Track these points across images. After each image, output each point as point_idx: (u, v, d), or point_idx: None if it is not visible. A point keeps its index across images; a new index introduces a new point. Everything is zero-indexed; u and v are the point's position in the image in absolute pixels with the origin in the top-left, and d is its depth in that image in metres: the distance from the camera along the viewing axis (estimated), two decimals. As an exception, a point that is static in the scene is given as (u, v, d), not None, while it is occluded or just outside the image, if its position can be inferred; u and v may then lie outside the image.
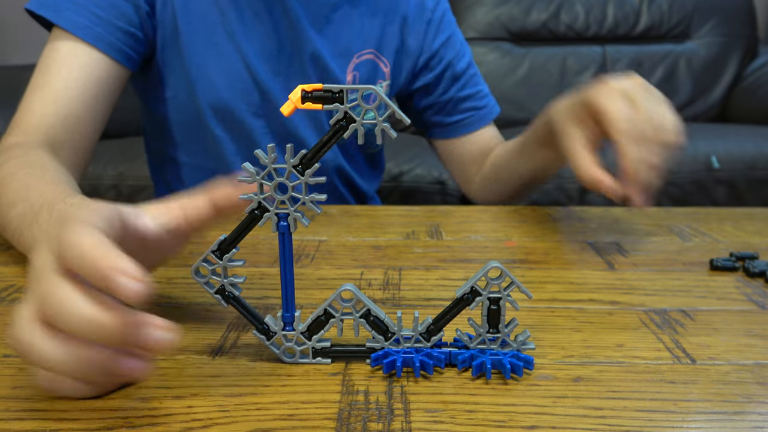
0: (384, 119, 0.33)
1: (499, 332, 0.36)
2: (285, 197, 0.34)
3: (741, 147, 1.50)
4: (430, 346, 0.36)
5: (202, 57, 0.74)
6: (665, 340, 0.40)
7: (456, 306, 0.35)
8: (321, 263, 0.54)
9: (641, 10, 2.05)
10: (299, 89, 0.33)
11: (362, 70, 0.82)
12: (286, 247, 0.35)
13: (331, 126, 0.33)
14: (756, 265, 0.51)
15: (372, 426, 0.30)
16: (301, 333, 0.36)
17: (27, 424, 0.30)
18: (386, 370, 0.35)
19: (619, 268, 0.53)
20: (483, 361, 0.35)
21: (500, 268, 0.35)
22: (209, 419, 0.31)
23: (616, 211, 0.73)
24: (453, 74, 0.87)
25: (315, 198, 0.34)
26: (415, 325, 0.36)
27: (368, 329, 0.36)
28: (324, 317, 0.36)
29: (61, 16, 0.66)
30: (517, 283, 0.35)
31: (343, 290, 0.35)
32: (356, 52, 0.81)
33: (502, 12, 2.03)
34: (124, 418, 0.31)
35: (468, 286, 0.35)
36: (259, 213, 0.34)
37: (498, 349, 0.36)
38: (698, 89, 2.03)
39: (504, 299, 0.35)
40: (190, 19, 0.73)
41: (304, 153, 0.34)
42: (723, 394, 0.34)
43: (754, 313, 0.44)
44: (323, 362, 0.36)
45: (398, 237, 0.62)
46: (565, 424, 0.31)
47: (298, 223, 0.35)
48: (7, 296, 0.46)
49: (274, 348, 0.36)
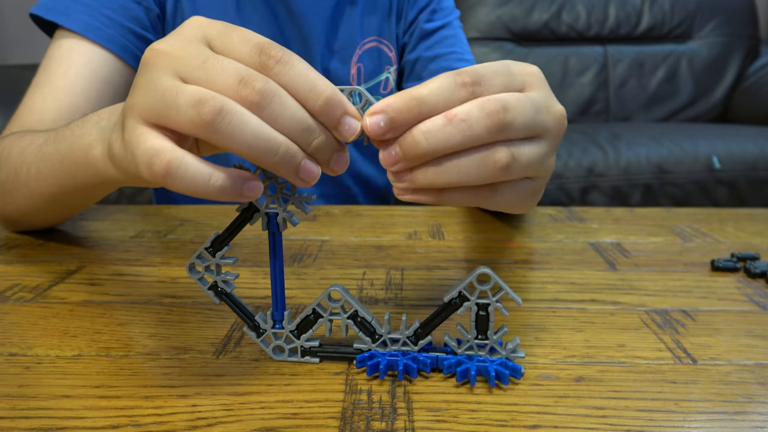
0: None
1: (487, 339, 0.35)
2: (275, 197, 0.34)
3: (742, 147, 1.50)
4: (417, 350, 0.36)
5: None
6: (666, 340, 0.40)
7: (444, 311, 0.35)
8: (323, 263, 0.54)
9: (643, 10, 2.06)
10: None
11: (366, 60, 0.80)
12: (276, 246, 0.35)
13: None
14: (757, 265, 0.52)
15: (375, 425, 0.31)
16: (290, 332, 0.36)
17: (33, 423, 0.30)
18: (370, 372, 0.35)
19: (620, 269, 0.53)
20: (468, 368, 0.34)
21: (489, 273, 0.34)
22: (214, 418, 0.31)
23: (617, 211, 0.73)
24: (421, 32, 0.81)
25: (304, 198, 0.34)
26: (402, 328, 0.36)
27: (356, 330, 0.36)
28: (312, 317, 0.36)
29: (72, 19, 0.65)
30: (507, 289, 0.34)
31: (331, 290, 0.35)
32: (358, 43, 0.79)
33: (504, 12, 2.03)
34: (129, 416, 0.31)
35: (456, 290, 0.34)
36: (250, 212, 0.35)
37: (486, 356, 0.35)
38: (700, 89, 2.03)
39: (492, 305, 0.34)
40: None
41: None
42: (724, 394, 0.34)
43: (755, 314, 0.45)
44: (311, 361, 0.36)
45: (400, 237, 0.62)
46: (567, 424, 0.31)
47: (293, 222, 0.35)
48: (12, 295, 0.46)
49: (263, 345, 0.37)
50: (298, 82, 0.30)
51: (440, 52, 0.81)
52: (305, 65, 0.30)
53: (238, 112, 0.28)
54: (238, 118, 0.28)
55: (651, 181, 1.45)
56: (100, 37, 0.65)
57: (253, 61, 0.30)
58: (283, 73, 0.30)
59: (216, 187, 0.29)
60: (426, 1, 0.82)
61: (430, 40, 0.81)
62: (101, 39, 0.65)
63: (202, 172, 0.29)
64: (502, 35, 2.03)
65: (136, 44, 0.68)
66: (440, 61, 0.80)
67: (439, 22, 0.82)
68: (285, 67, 0.30)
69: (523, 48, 2.04)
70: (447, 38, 0.81)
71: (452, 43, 0.81)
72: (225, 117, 0.28)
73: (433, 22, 0.81)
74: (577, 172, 1.45)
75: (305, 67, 0.30)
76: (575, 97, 2.01)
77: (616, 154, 1.47)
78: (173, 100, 0.29)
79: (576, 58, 2.03)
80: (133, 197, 1.46)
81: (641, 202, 1.46)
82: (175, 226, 0.65)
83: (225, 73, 0.29)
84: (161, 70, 0.30)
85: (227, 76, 0.29)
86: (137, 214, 0.70)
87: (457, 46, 0.82)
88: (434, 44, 0.81)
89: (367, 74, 0.81)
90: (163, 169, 0.29)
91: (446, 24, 0.82)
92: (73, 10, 0.65)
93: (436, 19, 0.82)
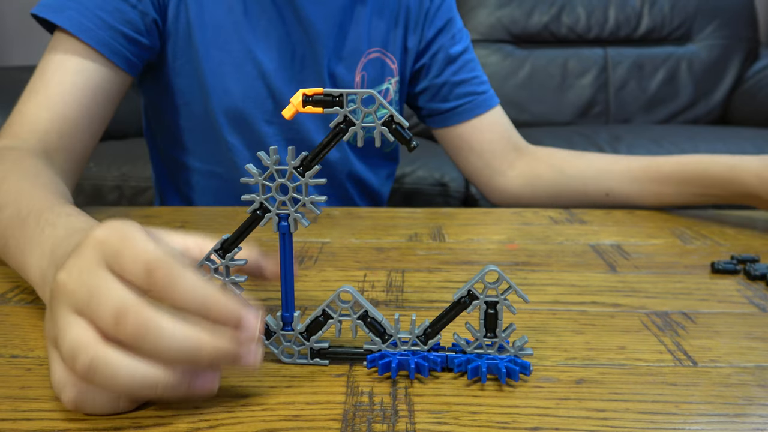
0: (383, 122, 0.34)
1: (496, 337, 0.35)
2: (286, 198, 0.35)
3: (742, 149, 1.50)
4: (427, 350, 0.36)
5: (218, 65, 0.74)
6: (667, 342, 0.40)
7: (453, 309, 0.35)
8: (324, 265, 0.54)
9: (642, 12, 2.06)
10: (300, 93, 0.33)
11: (370, 69, 0.82)
12: (286, 248, 0.36)
13: (332, 129, 0.34)
14: (757, 268, 0.52)
15: (377, 427, 0.31)
16: (300, 333, 0.36)
17: (35, 425, 0.30)
18: (381, 371, 0.35)
19: (620, 271, 0.53)
20: (479, 365, 0.35)
21: (497, 271, 0.34)
22: (216, 420, 0.31)
23: (617, 213, 0.73)
24: (447, 57, 0.85)
25: (315, 199, 0.35)
26: (412, 328, 0.36)
27: (366, 331, 0.36)
28: (322, 318, 0.36)
29: (64, 17, 0.65)
30: (515, 287, 0.34)
31: (341, 291, 0.35)
32: (364, 52, 0.81)
33: (504, 14, 2.03)
34: (131, 418, 0.31)
35: (465, 289, 0.35)
36: (260, 213, 0.35)
37: (495, 354, 0.36)
38: (699, 92, 2.03)
39: (501, 303, 0.35)
40: (205, 29, 0.73)
41: (305, 155, 0.34)
42: (724, 397, 0.34)
43: (755, 316, 0.45)
44: (321, 363, 0.36)
45: (401, 239, 0.62)
46: (568, 426, 0.31)
47: (299, 224, 0.35)
48: (14, 297, 0.46)
49: (273, 348, 0.37)
50: (187, 300, 0.29)
51: (465, 78, 0.86)
52: (192, 280, 0.30)
53: (109, 363, 0.28)
54: (108, 370, 0.28)
55: (651, 183, 1.45)
56: (91, 39, 0.65)
57: (141, 283, 0.29)
58: (170, 293, 0.29)
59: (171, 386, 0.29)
60: (443, 21, 0.85)
61: (455, 65, 0.86)
62: (93, 41, 0.65)
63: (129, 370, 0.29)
64: (502, 37, 2.03)
65: (127, 48, 0.68)
66: (466, 86, 0.86)
67: (460, 46, 0.86)
68: (172, 287, 0.29)
69: (523, 50, 2.04)
70: (469, 62, 0.87)
71: (473, 68, 0.87)
72: (96, 370, 0.28)
73: (456, 46, 0.86)
74: (577, 174, 1.45)
75: (192, 283, 0.30)
76: (575, 99, 2.01)
77: (616, 156, 1.47)
78: (60, 345, 0.29)
79: (576, 60, 2.03)
80: (133, 199, 1.46)
81: (641, 204, 1.46)
82: (177, 228, 0.65)
83: (104, 308, 0.29)
84: (60, 303, 0.30)
85: (106, 314, 0.29)
86: (138, 216, 0.70)
87: (477, 70, 0.88)
88: (459, 69, 0.86)
89: (369, 82, 0.82)
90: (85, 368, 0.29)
91: (467, 48, 0.87)
92: (67, 8, 0.65)
93: (458, 42, 0.86)
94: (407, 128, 0.34)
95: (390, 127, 0.34)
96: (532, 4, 2.04)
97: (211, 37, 0.73)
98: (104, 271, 0.30)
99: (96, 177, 1.49)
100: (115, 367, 0.28)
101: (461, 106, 0.86)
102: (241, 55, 0.75)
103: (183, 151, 0.80)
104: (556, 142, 1.55)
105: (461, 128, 0.87)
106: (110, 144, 1.62)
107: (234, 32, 0.74)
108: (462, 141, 0.87)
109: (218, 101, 0.75)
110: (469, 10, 2.04)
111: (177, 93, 0.76)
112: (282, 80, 0.77)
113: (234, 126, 0.77)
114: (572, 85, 2.01)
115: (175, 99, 0.77)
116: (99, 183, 1.49)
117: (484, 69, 0.91)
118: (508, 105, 2.01)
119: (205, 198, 0.81)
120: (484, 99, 0.86)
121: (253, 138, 0.78)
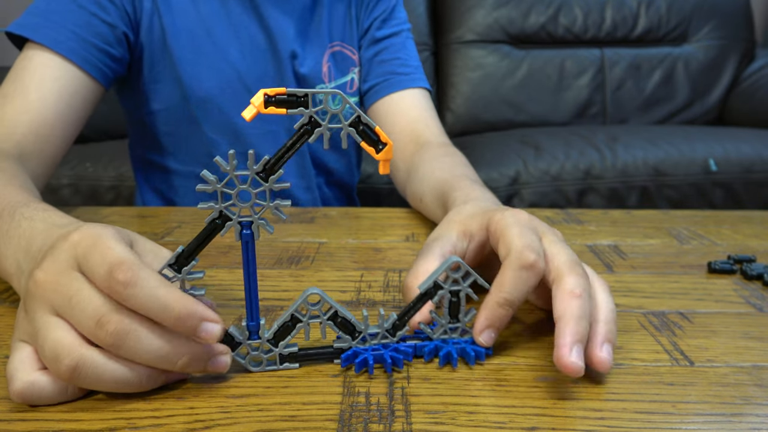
0: (350, 122, 0.33)
1: (459, 322, 0.37)
2: (248, 205, 0.33)
3: (738, 150, 1.51)
4: (396, 341, 0.37)
5: (194, 67, 0.77)
6: (664, 342, 0.40)
7: (420, 300, 0.37)
8: (321, 265, 0.54)
9: (639, 13, 2.06)
10: (262, 93, 0.32)
11: (333, 60, 0.85)
12: (249, 256, 0.34)
13: (296, 130, 0.33)
14: (753, 267, 0.52)
15: (373, 427, 0.31)
16: (267, 340, 0.35)
17: (29, 425, 0.30)
18: (358, 369, 0.35)
19: (617, 271, 0.53)
20: (449, 351, 0.36)
21: (460, 262, 0.36)
22: (211, 420, 0.31)
23: (614, 213, 0.73)
24: (372, 39, 0.86)
25: (280, 204, 0.33)
26: (380, 322, 0.37)
27: (336, 330, 0.36)
28: (291, 323, 0.35)
29: (41, 34, 0.67)
30: (476, 276, 0.37)
31: (309, 294, 0.35)
32: (328, 44, 0.84)
33: (501, 14, 2.03)
34: (127, 419, 0.31)
35: (430, 281, 0.37)
36: (220, 222, 0.33)
37: (459, 337, 0.38)
38: (696, 92, 2.03)
39: (464, 291, 0.37)
40: (179, 35, 0.76)
41: (267, 159, 0.33)
42: (721, 396, 0.34)
43: (752, 316, 0.45)
44: (291, 367, 0.36)
45: (398, 239, 0.62)
46: (565, 426, 0.31)
47: (268, 230, 0.34)
48: (8, 297, 0.46)
49: (239, 358, 0.35)
50: (148, 304, 0.31)
51: (385, 58, 0.86)
52: (155, 282, 0.31)
53: (92, 364, 0.30)
54: (93, 371, 0.30)
55: (648, 184, 1.45)
56: (65, 50, 0.67)
57: (105, 286, 0.30)
58: (132, 296, 0.30)
59: None
60: (380, 11, 0.87)
61: (378, 46, 0.86)
62: (66, 52, 0.67)
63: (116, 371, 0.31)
64: (499, 37, 2.03)
65: (99, 58, 0.70)
66: (385, 66, 0.85)
67: (387, 30, 0.87)
68: (134, 290, 0.30)
69: (520, 50, 2.04)
70: (393, 45, 0.86)
71: (397, 50, 0.86)
72: (81, 372, 0.30)
73: (383, 30, 0.87)
74: (574, 174, 1.45)
75: (154, 286, 0.31)
76: (572, 100, 2.01)
77: (613, 156, 1.47)
78: (41, 345, 0.31)
79: (573, 61, 2.03)
80: (130, 199, 1.46)
81: (638, 204, 1.46)
82: (173, 228, 0.65)
83: (85, 313, 0.31)
84: (38, 303, 0.31)
85: (87, 317, 0.30)
86: (134, 216, 0.70)
87: (401, 52, 0.86)
88: (381, 50, 0.86)
89: (335, 73, 0.85)
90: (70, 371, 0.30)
91: (395, 33, 0.87)
92: (42, 26, 0.68)
93: (386, 27, 0.87)
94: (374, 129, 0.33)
95: (357, 128, 0.33)
96: (529, 4, 2.04)
97: (184, 42, 0.76)
98: (76, 273, 0.31)
99: (93, 177, 1.49)
100: (100, 370, 0.31)
101: (378, 84, 0.85)
102: (214, 56, 0.78)
103: (163, 154, 0.82)
104: (553, 143, 1.55)
105: (375, 107, 0.85)
106: (107, 144, 1.62)
107: (206, 36, 0.77)
108: (376, 121, 0.84)
109: (197, 102, 0.78)
110: (466, 11, 2.04)
111: (157, 99, 0.79)
112: (254, 78, 0.79)
113: (214, 125, 0.79)
114: (569, 85, 2.02)
115: (155, 105, 0.79)
116: (96, 183, 1.49)
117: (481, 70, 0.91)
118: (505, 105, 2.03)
119: (187, 200, 0.83)
120: (401, 80, 0.84)
121: (236, 136, 0.80)
